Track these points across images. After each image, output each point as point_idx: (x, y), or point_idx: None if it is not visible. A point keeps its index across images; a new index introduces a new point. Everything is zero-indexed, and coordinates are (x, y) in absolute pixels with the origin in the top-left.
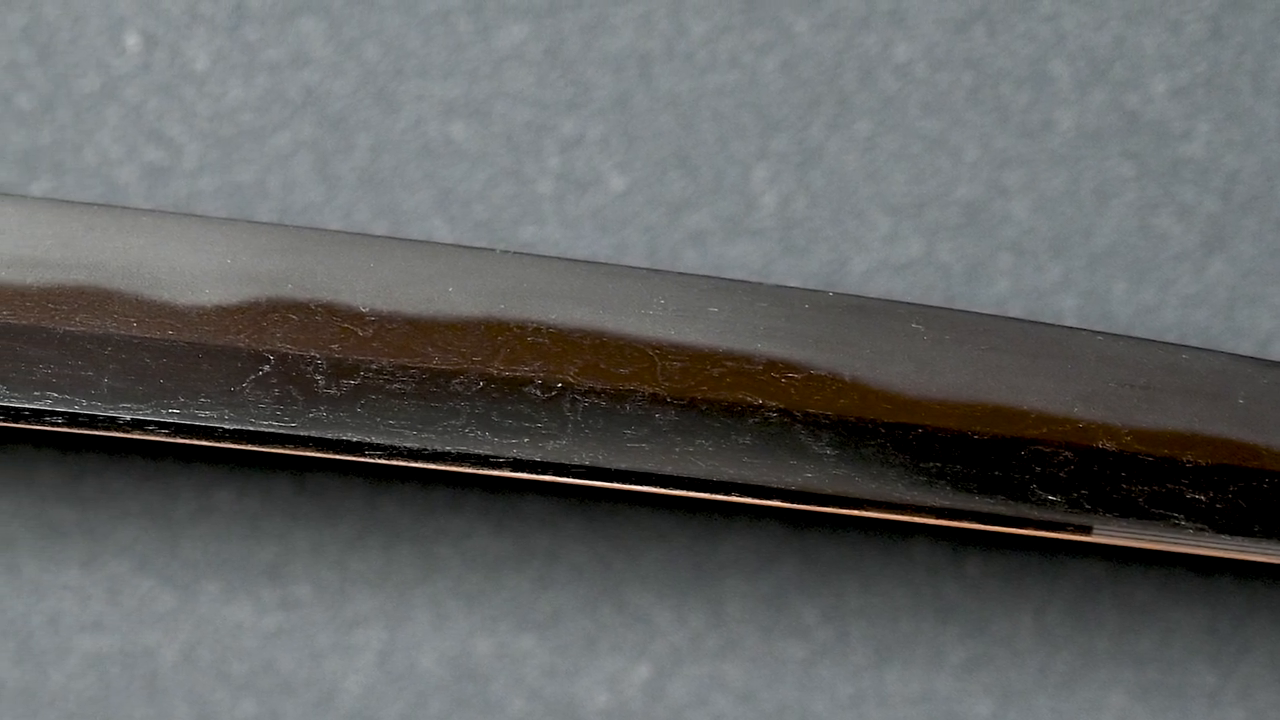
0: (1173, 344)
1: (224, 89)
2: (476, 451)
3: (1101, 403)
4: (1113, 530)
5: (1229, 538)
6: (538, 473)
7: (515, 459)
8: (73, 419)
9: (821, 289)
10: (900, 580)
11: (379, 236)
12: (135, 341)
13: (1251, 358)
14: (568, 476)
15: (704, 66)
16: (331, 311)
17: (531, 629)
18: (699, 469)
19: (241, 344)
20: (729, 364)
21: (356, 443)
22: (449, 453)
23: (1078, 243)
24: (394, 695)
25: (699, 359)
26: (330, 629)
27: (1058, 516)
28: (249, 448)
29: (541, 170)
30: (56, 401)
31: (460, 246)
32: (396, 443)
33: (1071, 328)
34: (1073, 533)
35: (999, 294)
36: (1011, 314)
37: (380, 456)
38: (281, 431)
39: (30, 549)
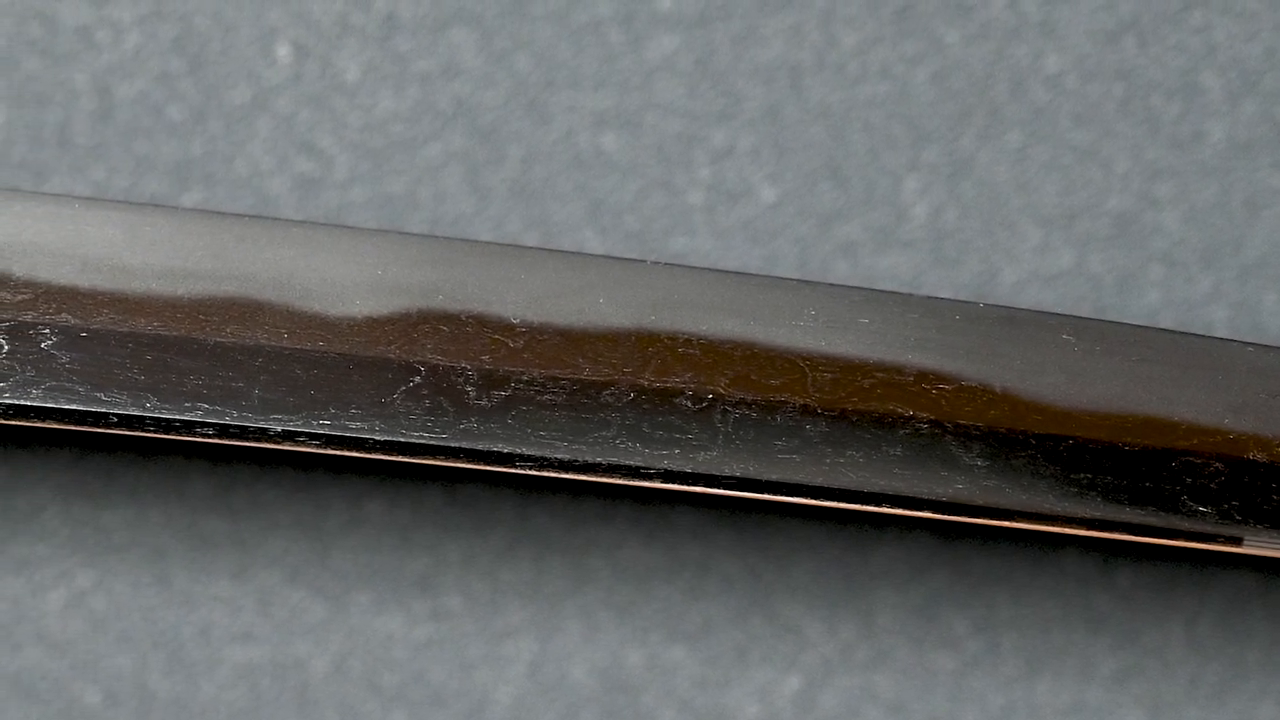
0: None
1: (375, 100)
2: (627, 463)
3: (1252, 414)
4: (1263, 541)
5: None
6: (688, 484)
7: (666, 470)
8: (223, 430)
9: (972, 300)
10: (1051, 591)
11: (530, 248)
12: (286, 353)
13: None
14: (718, 488)
15: (855, 77)
16: (482, 323)
17: (682, 640)
18: (849, 480)
19: (392, 355)
20: (880, 375)
21: (507, 454)
22: (600, 464)
23: (1228, 254)
24: (545, 706)
25: (850, 370)
26: (481, 640)
27: (1208, 528)
28: (400, 459)
29: (692, 181)
30: (207, 413)
31: (611, 258)
32: (547, 454)
33: (1222, 339)
34: (1223, 544)
35: (1150, 305)
36: (1162, 325)
37: (531, 468)
38: (432, 443)
39: (181, 560)
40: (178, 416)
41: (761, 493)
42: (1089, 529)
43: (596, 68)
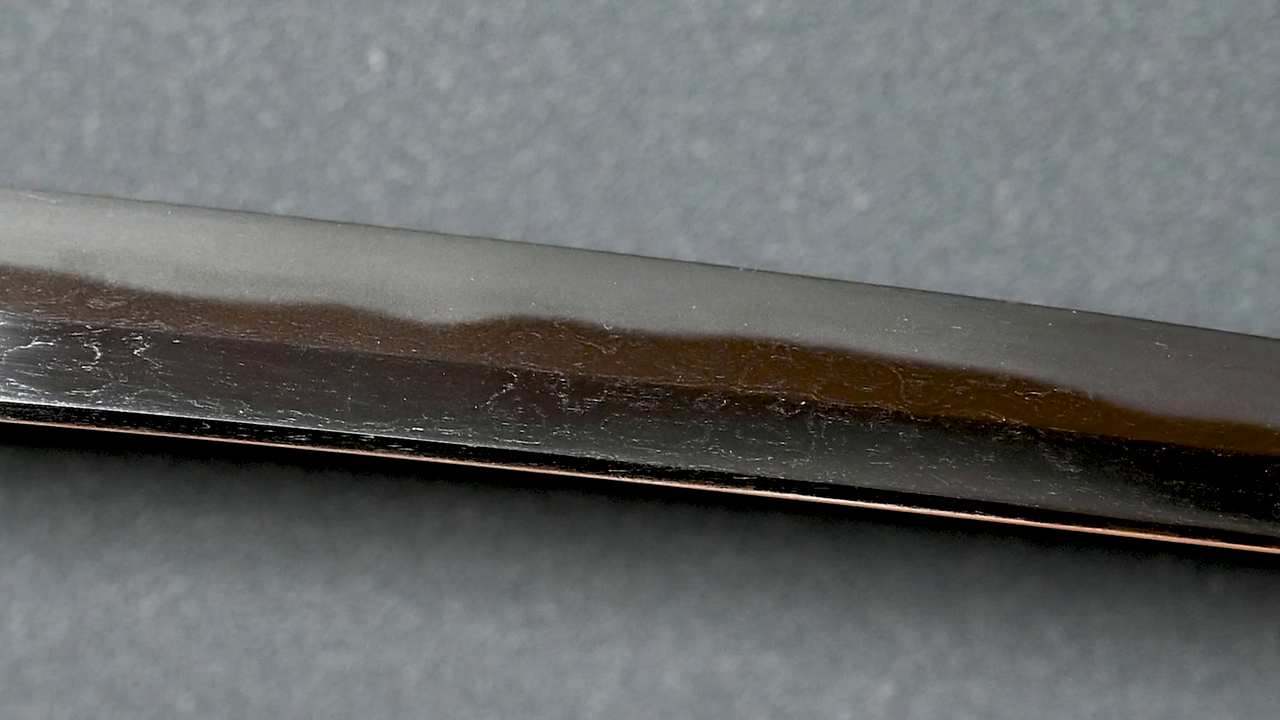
0: None
1: (467, 107)
2: (720, 470)
3: None
4: None
5: None
6: (781, 491)
7: (759, 477)
8: (316, 437)
9: (1065, 307)
10: (1143, 598)
11: (622, 254)
12: (378, 359)
13: None
14: (811, 495)
15: (947, 84)
16: (575, 329)
17: (775, 647)
18: (942, 487)
19: (485, 362)
20: (972, 382)
21: (600, 461)
22: (692, 471)
23: None
24: (637, 713)
25: (942, 377)
26: (574, 647)
27: None
28: (492, 466)
29: (785, 188)
30: (300, 419)
31: (704, 264)
32: (640, 461)
33: None
34: None
35: (1242, 312)
36: (1255, 332)
37: (624, 474)
38: (525, 449)
39: (274, 567)
40: (270, 423)
41: (854, 499)
42: (1181, 536)
43: (689, 74)
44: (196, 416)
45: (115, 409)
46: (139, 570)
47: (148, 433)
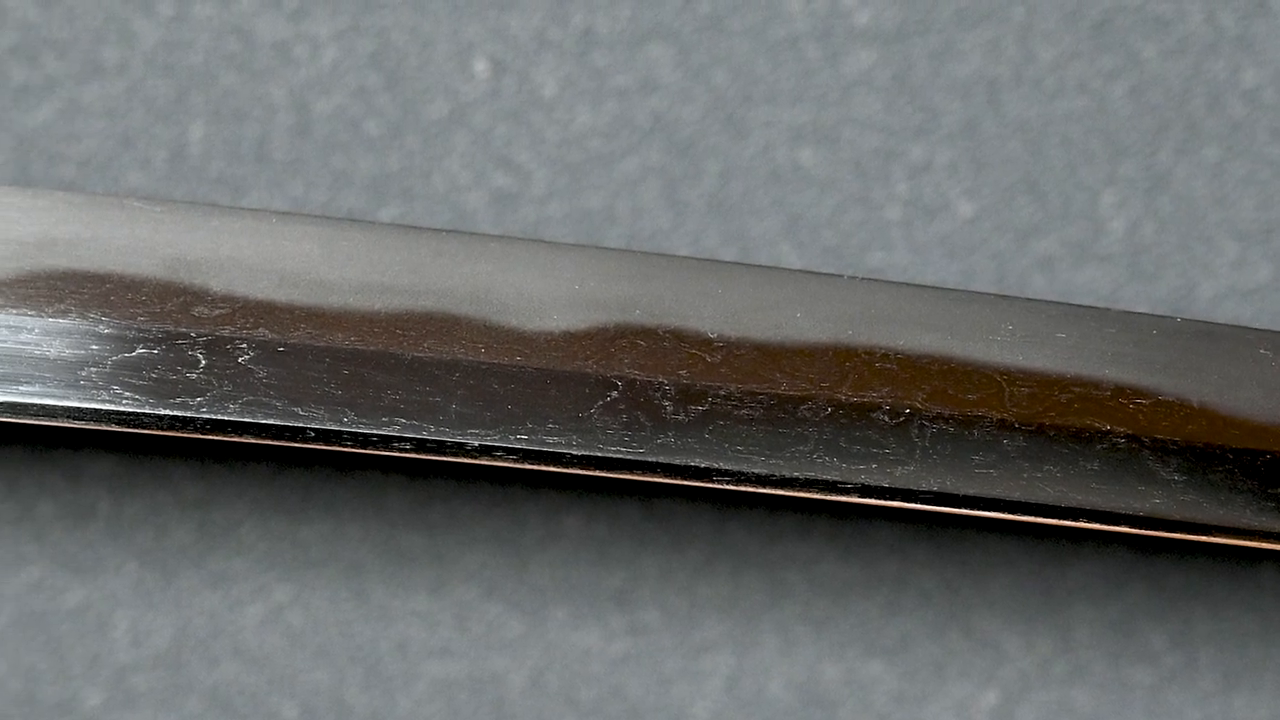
0: None
1: (572, 115)
2: (824, 477)
3: None
4: None
5: None
6: (886, 499)
7: (863, 485)
8: (420, 445)
9: (1169, 315)
10: (1248, 606)
11: (727, 262)
12: (483, 367)
13: None
14: (915, 502)
15: (1052, 92)
16: (679, 337)
17: (880, 655)
18: (1047, 495)
19: (589, 370)
20: (1077, 390)
21: (704, 468)
22: (797, 478)
23: None
24: None
25: (1047, 385)
26: (678, 655)
27: None
28: (597, 473)
29: (890, 196)
30: (404, 427)
31: (808, 272)
32: (744, 469)
33: None
34: None
35: None
36: None
37: (728, 482)
38: (629, 457)
39: (379, 575)
40: (375, 431)
41: (959, 507)
42: None
43: (794, 83)
44: (301, 424)
45: (220, 416)
46: (243, 578)
47: (252, 440)
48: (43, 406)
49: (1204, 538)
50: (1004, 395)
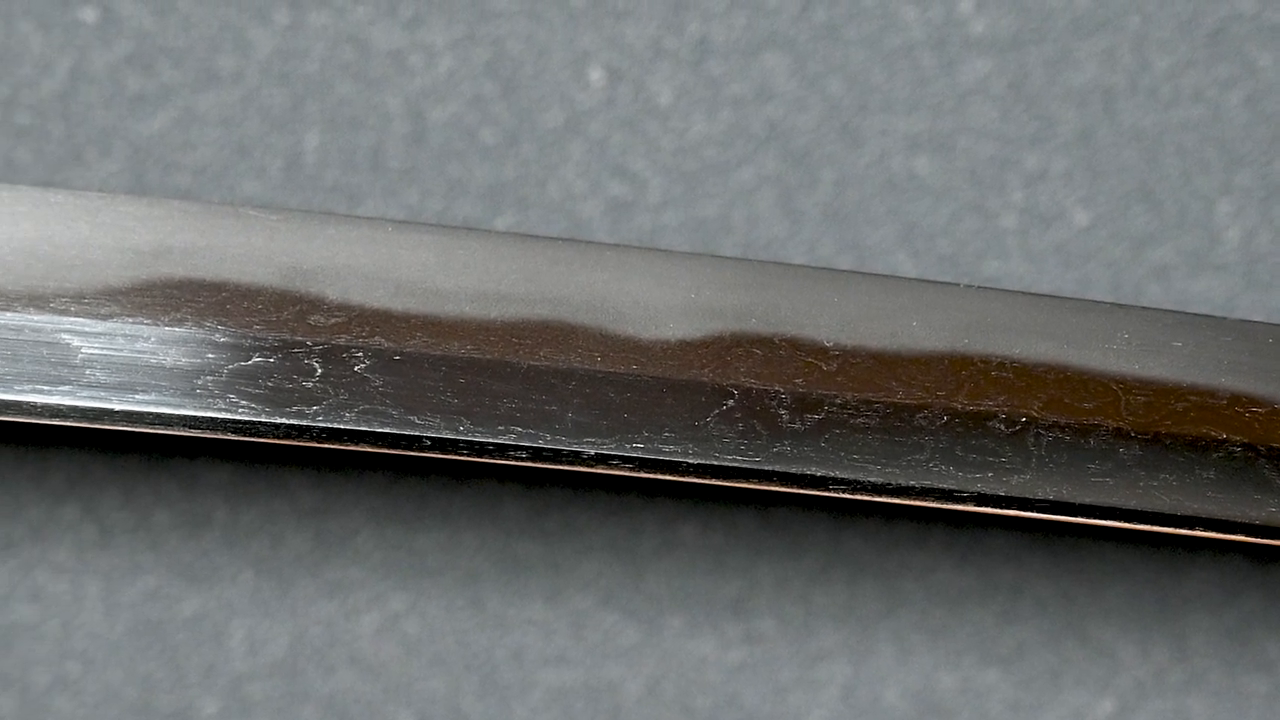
0: None
1: (687, 124)
2: (940, 486)
3: None
4: None
5: None
6: (1002, 507)
7: (979, 493)
8: (537, 453)
9: None
10: None
11: (843, 271)
12: (599, 376)
13: None
14: (1031, 511)
15: (1168, 101)
16: (795, 346)
17: (995, 663)
18: (1163, 503)
19: (705, 378)
20: (1193, 398)
21: (820, 477)
22: (913, 487)
23: None
24: None
25: (1163, 394)
26: (794, 664)
27: None
28: (713, 482)
29: (1005, 205)
30: (521, 436)
31: (924, 281)
32: (860, 477)
33: None
34: None
35: None
36: None
37: (844, 491)
38: (746, 466)
39: (495, 583)
40: (491, 440)
41: (1075, 516)
42: None
43: (909, 91)
44: (417, 433)
45: (336, 425)
46: (359, 587)
47: (368, 449)
48: (159, 415)
49: None
50: (1120, 404)
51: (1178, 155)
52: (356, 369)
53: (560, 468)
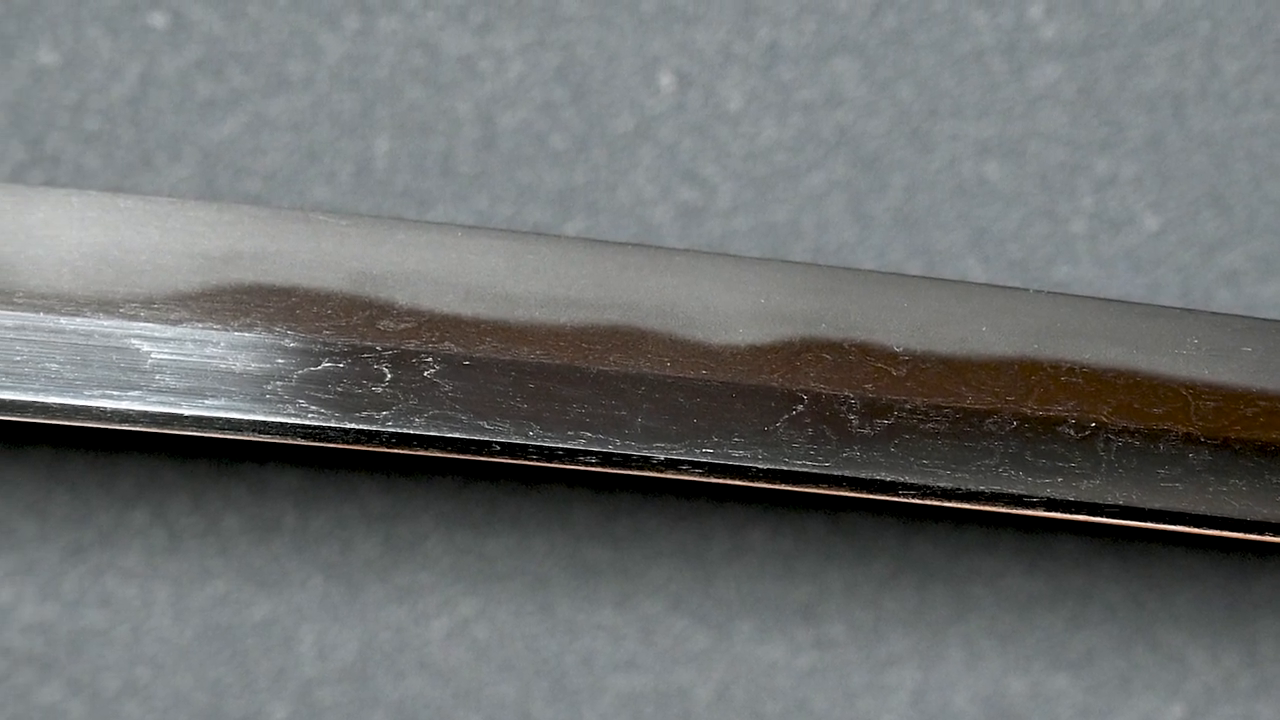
0: None
1: (758, 129)
2: (1010, 491)
3: None
4: None
5: None
6: (1071, 512)
7: (1049, 499)
8: (606, 458)
9: None
10: None
11: (913, 276)
12: (669, 381)
13: None
14: (1101, 516)
15: (1238, 106)
16: (865, 351)
17: (1065, 668)
18: (1233, 509)
19: (775, 384)
20: (1263, 404)
21: (890, 482)
22: (982, 492)
23: None
24: None
25: (1233, 399)
26: (864, 669)
27: None
28: (783, 487)
29: (1075, 210)
30: (590, 441)
31: (994, 286)
32: (930, 482)
33: None
34: None
35: None
36: None
37: (914, 496)
38: (815, 471)
39: (564, 588)
40: (561, 445)
41: (1144, 521)
42: None
43: (979, 96)
44: (487, 438)
45: (405, 430)
46: (429, 592)
47: (438, 454)
48: (228, 420)
49: None
50: (1190, 409)
51: (1247, 160)
52: (426, 374)
53: (630, 473)
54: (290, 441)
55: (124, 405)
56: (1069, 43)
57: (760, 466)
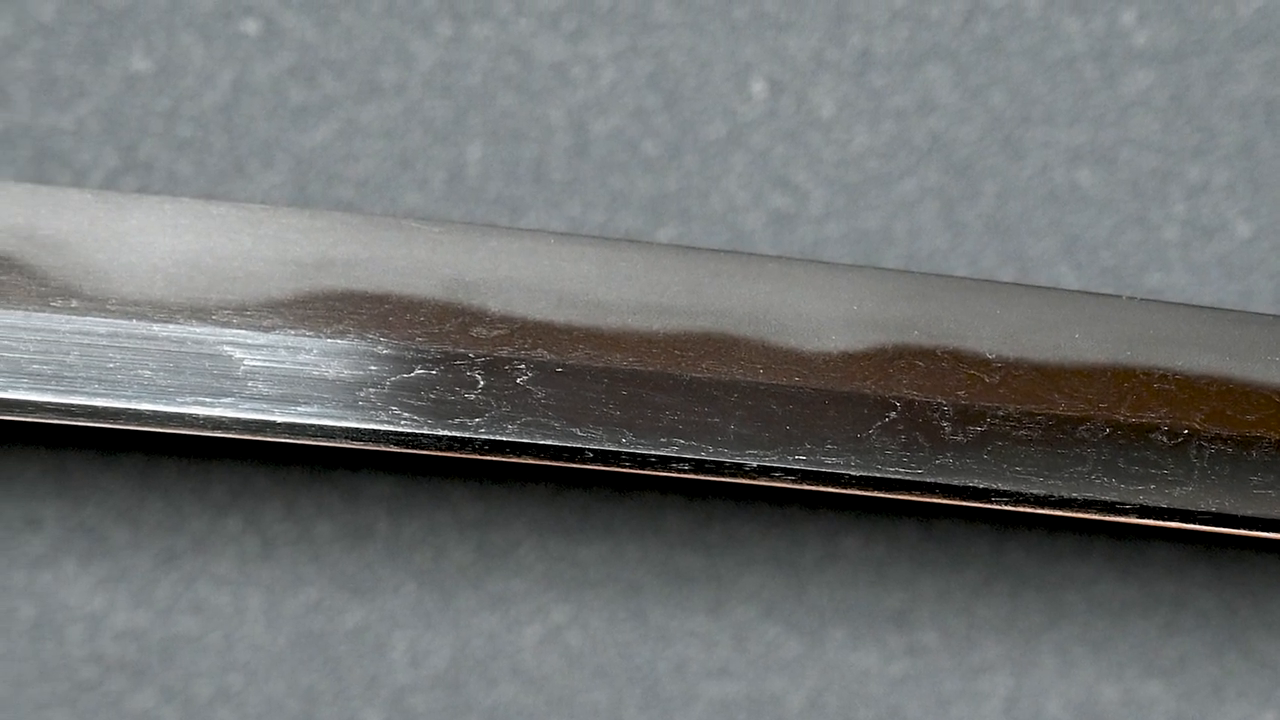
0: None
1: (850, 135)
2: (1102, 498)
3: None
4: None
5: None
6: (1164, 519)
7: (1141, 505)
8: (699, 465)
9: None
10: None
11: (1005, 283)
12: (761, 388)
13: None
14: (1194, 523)
15: None
16: (958, 358)
17: (1158, 675)
18: None
19: (868, 390)
20: None
21: (982, 489)
22: (1075, 499)
23: None
24: None
25: None
26: (956, 676)
27: None
28: (875, 494)
29: (1167, 216)
30: (683, 448)
31: (1087, 293)
32: (1023, 489)
33: None
34: None
35: None
36: None
37: (1006, 503)
38: (908, 478)
39: (657, 595)
40: (653, 452)
41: (1238, 528)
42: None
43: (1071, 103)
44: (579, 445)
45: (498, 437)
46: (522, 599)
47: (530, 461)
48: (321, 427)
49: None
50: None
51: None
52: (519, 381)
53: (722, 480)
54: (383, 448)
55: (217, 412)
56: (1161, 49)
57: (853, 473)
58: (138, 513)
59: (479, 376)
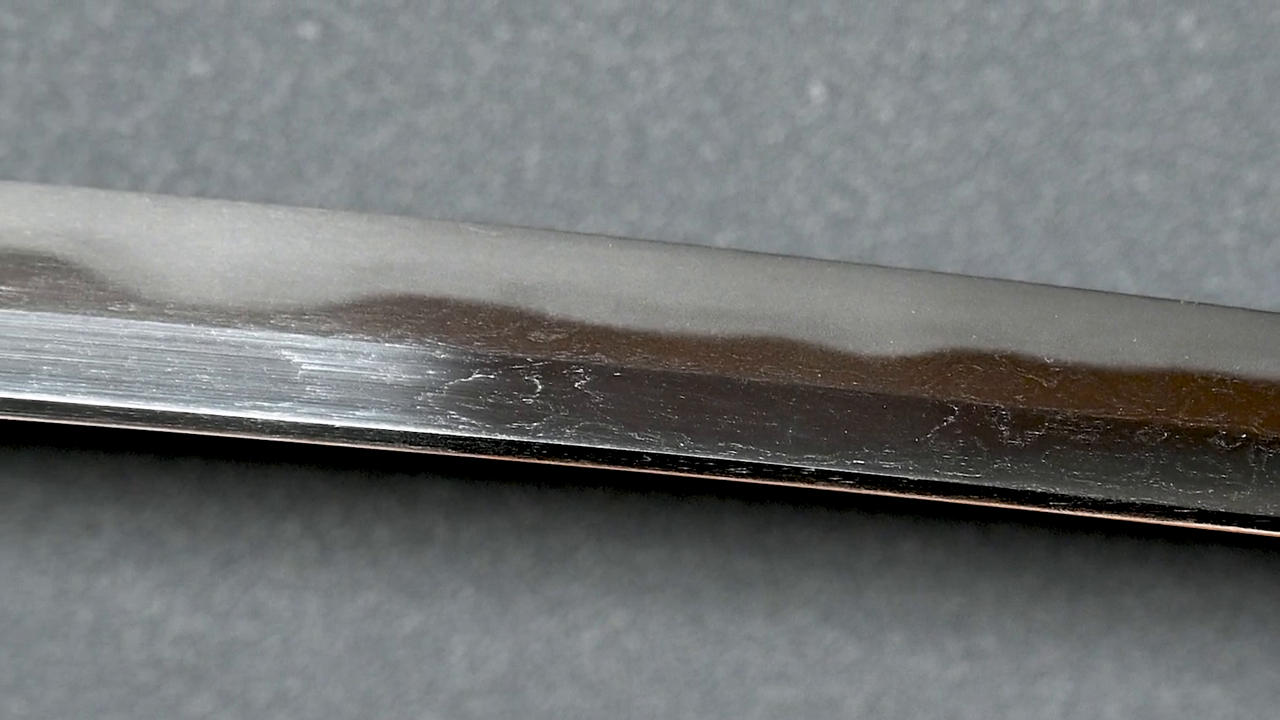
0: None
1: (908, 140)
2: (1161, 502)
3: None
4: None
5: None
6: (1222, 524)
7: (1199, 509)
8: (757, 470)
9: None
10: None
11: (1063, 287)
12: (819, 392)
13: None
14: (1252, 527)
15: None
16: (1016, 362)
17: (1216, 680)
18: None
19: (926, 395)
20: None
21: (1041, 493)
22: (1133, 503)
23: None
24: None
25: None
26: (1014, 680)
27: None
28: (933, 498)
29: (1226, 221)
30: (741, 452)
31: (1145, 297)
32: (1081, 494)
33: None
34: None
35: None
36: None
37: (1064, 507)
38: (966, 482)
39: (715, 600)
40: (712, 456)
41: None
42: None
43: (1130, 107)
44: (637, 449)
45: (556, 442)
46: (580, 603)
47: (588, 465)
48: (379, 431)
49: None
50: None
51: None
52: (577, 385)
53: (781, 484)
54: (441, 453)
55: (275, 416)
56: (1220, 54)
57: (911, 478)
58: (196, 517)
59: (537, 381)
